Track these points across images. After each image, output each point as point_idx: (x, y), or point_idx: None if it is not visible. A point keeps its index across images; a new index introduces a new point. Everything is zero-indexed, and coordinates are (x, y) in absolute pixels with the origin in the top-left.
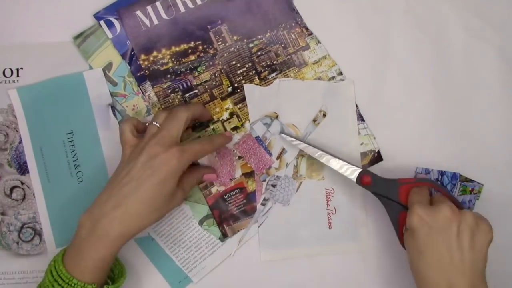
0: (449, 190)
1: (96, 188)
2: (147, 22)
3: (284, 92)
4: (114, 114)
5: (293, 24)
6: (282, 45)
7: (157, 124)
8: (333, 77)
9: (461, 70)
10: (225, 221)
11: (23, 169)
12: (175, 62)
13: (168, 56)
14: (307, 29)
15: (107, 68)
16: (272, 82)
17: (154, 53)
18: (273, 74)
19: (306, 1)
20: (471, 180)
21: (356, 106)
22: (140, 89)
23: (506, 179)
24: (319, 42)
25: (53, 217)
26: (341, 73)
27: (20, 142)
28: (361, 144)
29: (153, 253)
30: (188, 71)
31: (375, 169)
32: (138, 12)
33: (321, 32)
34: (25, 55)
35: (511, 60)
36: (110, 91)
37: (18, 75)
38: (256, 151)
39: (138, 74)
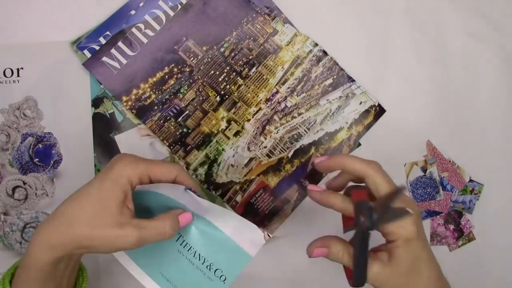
0: (449, 189)
1: None
2: (116, 65)
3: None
4: (197, 194)
5: (254, 15)
6: (251, 38)
7: None
8: (310, 51)
9: (461, 70)
10: (261, 224)
11: (24, 169)
12: (157, 92)
13: (148, 89)
14: (268, 14)
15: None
16: (254, 77)
17: (134, 91)
18: (254, 69)
19: (305, 1)
20: (471, 180)
21: (342, 69)
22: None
23: (506, 179)
24: (284, 22)
25: None
26: (316, 45)
27: (22, 142)
28: (360, 103)
29: None
30: (172, 96)
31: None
32: (105, 59)
33: (321, 33)
34: (25, 55)
35: (511, 60)
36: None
37: (18, 75)
38: None
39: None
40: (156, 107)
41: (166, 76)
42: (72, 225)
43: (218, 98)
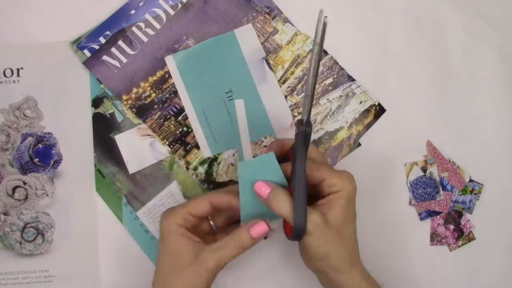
0: (449, 189)
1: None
2: (117, 63)
3: None
4: (269, 67)
5: (255, 14)
6: None
7: None
8: (310, 50)
9: (461, 70)
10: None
11: (24, 169)
12: (157, 91)
13: (148, 88)
14: (269, 14)
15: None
16: None
17: (134, 90)
18: None
19: (305, 1)
20: (471, 180)
21: (342, 68)
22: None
23: (506, 179)
24: (284, 22)
25: None
26: None
27: (22, 142)
28: (360, 102)
29: (153, 251)
30: (172, 95)
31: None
32: (105, 57)
33: None
34: (25, 55)
35: (511, 60)
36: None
37: (18, 75)
38: None
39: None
40: (156, 106)
41: (167, 75)
42: None
43: None
